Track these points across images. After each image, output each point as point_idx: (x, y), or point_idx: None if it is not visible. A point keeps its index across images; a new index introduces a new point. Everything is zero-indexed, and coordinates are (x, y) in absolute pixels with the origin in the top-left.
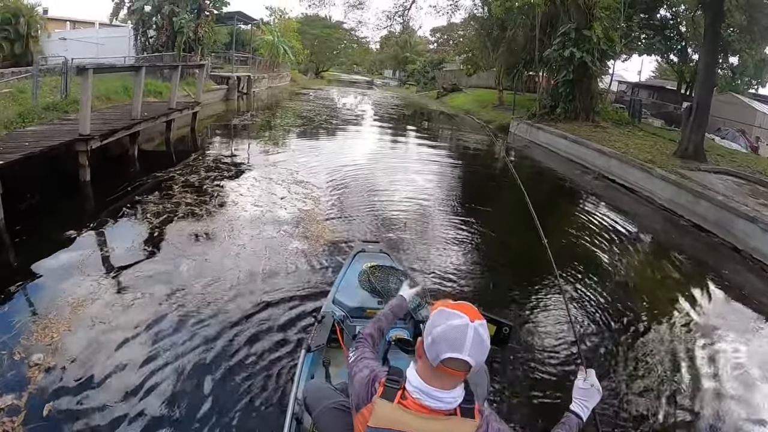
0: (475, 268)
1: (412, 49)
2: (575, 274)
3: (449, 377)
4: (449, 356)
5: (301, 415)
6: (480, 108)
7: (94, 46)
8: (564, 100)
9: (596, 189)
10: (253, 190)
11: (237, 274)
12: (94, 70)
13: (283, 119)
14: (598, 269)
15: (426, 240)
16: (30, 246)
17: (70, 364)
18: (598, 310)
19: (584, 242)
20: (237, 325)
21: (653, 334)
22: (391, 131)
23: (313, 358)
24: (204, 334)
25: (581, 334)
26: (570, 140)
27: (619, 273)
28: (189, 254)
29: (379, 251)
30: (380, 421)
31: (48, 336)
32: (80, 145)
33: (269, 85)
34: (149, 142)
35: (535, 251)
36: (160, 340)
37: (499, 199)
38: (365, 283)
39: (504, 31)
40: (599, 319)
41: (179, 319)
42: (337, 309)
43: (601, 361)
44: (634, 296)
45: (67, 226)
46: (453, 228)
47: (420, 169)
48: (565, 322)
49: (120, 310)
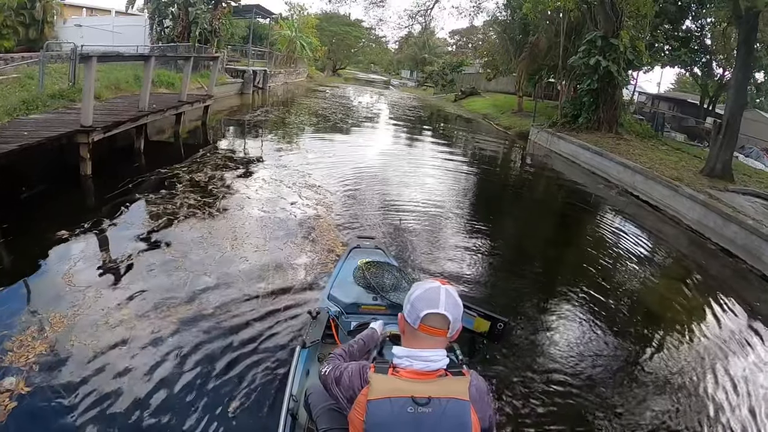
0: (485, 277)
1: (431, 51)
2: (592, 292)
3: (431, 337)
4: (427, 312)
5: (296, 411)
6: (499, 113)
7: (109, 34)
8: (587, 110)
9: (620, 205)
10: (261, 192)
11: (238, 288)
12: (98, 58)
13: (297, 116)
14: (618, 290)
15: (437, 246)
16: (13, 248)
17: (45, 390)
18: (612, 332)
19: (605, 261)
20: (232, 348)
21: (670, 363)
22: (408, 135)
23: (308, 354)
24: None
25: (593, 355)
26: (593, 152)
27: (639, 296)
28: (186, 266)
29: (374, 247)
30: (379, 392)
31: (23, 356)
32: (81, 137)
33: (285, 80)
34: (160, 134)
35: (550, 264)
36: (149, 365)
37: (518, 209)
38: (360, 279)
39: (526, 36)
40: (612, 342)
41: (170, 343)
42: (332, 305)
43: (613, 385)
44: (653, 321)
45: (57, 226)
46: (467, 237)
47: (436, 175)
48: (574, 342)
49: (106, 327)
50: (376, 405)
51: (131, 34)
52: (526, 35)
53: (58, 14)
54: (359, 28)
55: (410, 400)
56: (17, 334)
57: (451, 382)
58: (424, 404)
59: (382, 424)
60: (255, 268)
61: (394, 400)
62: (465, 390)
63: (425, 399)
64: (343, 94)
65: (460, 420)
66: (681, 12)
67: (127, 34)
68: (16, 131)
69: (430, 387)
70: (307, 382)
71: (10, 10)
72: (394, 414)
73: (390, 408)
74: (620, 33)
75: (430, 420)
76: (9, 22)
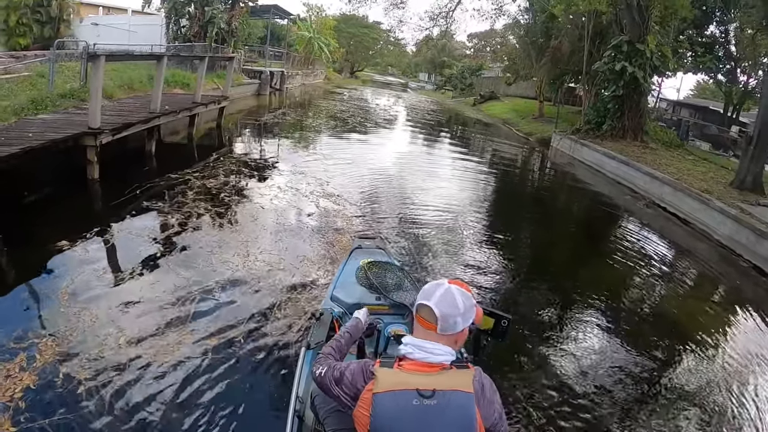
0: (504, 286)
1: (449, 54)
2: (615, 306)
3: (424, 329)
4: (420, 302)
5: (302, 412)
6: (519, 118)
7: (125, 33)
8: (611, 117)
9: (647, 217)
10: (276, 202)
11: (247, 311)
12: (107, 57)
13: (315, 119)
14: (642, 305)
15: (457, 255)
16: (8, 260)
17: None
18: (635, 348)
19: (630, 275)
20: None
21: (693, 382)
22: (428, 140)
23: (313, 355)
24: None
25: (613, 368)
26: (618, 161)
27: (665, 313)
28: (192, 287)
29: (376, 247)
30: (384, 385)
31: (9, 389)
32: (88, 140)
33: (303, 82)
34: (173, 135)
35: (572, 276)
36: (149, 386)
37: (541, 219)
38: (363, 279)
39: (548, 40)
40: (633, 358)
41: (170, 367)
42: (335, 306)
43: (632, 400)
44: (678, 339)
45: (57, 236)
46: (486, 248)
47: (457, 182)
48: (594, 355)
49: (100, 354)
50: (382, 398)
51: (147, 34)
52: (548, 39)
53: (75, 13)
54: (377, 30)
55: (415, 392)
56: (4, 362)
57: (456, 375)
58: (429, 396)
59: (387, 417)
60: (267, 291)
61: (400, 393)
62: (469, 383)
63: (430, 391)
64: (361, 96)
65: (464, 412)
66: (706, 17)
67: (143, 34)
68: (21, 132)
69: (434, 380)
70: (313, 383)
71: (27, 7)
72: (399, 407)
73: (395, 401)
74: (647, 38)
75: (434, 412)
76: (25, 20)
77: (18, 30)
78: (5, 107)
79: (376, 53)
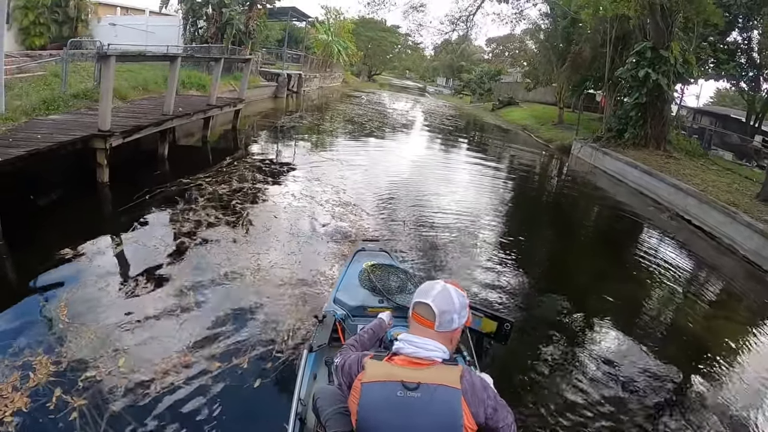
0: (519, 298)
1: (467, 59)
2: (635, 321)
3: (420, 326)
4: (417, 300)
5: (304, 415)
6: (538, 125)
7: (143, 34)
8: (634, 125)
9: (671, 229)
10: (290, 211)
11: (253, 329)
12: (117, 57)
13: (332, 123)
14: (664, 321)
15: (471, 264)
16: (8, 269)
17: None
18: (654, 365)
19: (652, 289)
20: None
21: (714, 401)
22: (446, 146)
23: (316, 357)
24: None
25: (631, 385)
26: (641, 170)
27: (687, 329)
28: (196, 305)
29: (379, 250)
30: (372, 376)
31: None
32: (98, 142)
33: (320, 84)
34: (188, 137)
35: (592, 289)
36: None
37: (562, 229)
38: (366, 282)
39: (569, 45)
40: (653, 376)
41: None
42: (338, 308)
43: (650, 417)
44: (700, 357)
45: (60, 243)
46: (505, 259)
47: (475, 190)
48: (611, 371)
49: (95, 381)
50: (369, 388)
51: (165, 35)
52: (569, 44)
53: (93, 13)
54: (395, 34)
55: (400, 384)
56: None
57: (442, 370)
58: (413, 389)
59: (372, 407)
60: (275, 307)
61: (385, 383)
62: (456, 379)
63: (414, 384)
64: (379, 100)
65: (448, 406)
66: (728, 23)
67: (161, 34)
68: (30, 133)
69: (421, 374)
70: (314, 385)
71: (44, 7)
72: (383, 397)
73: (381, 391)
74: (671, 44)
75: (418, 404)
76: (42, 19)
77: (35, 29)
78: (16, 107)
79: (394, 57)
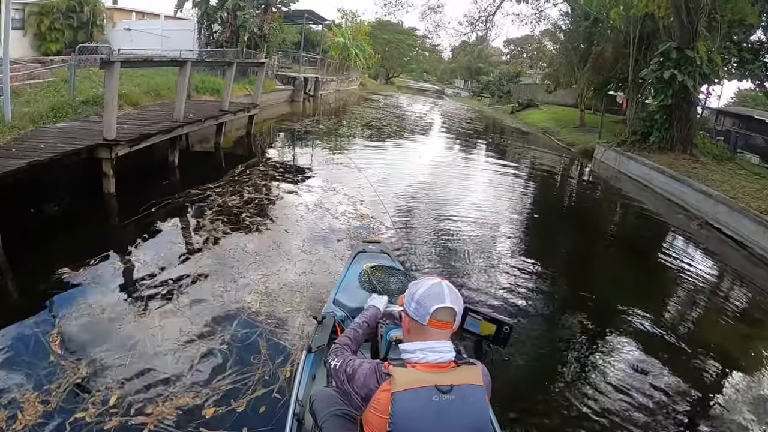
0: (539, 307)
1: (486, 60)
2: (659, 335)
3: (439, 331)
4: (437, 307)
5: (302, 416)
6: (559, 128)
7: (158, 38)
8: (659, 128)
9: (700, 239)
10: (303, 225)
11: (254, 361)
12: (122, 63)
13: (349, 127)
14: (691, 338)
15: (492, 272)
16: (4, 289)
17: None
18: (678, 384)
19: (682, 302)
20: None
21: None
22: (467, 151)
23: (314, 359)
24: None
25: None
26: (668, 176)
27: (717, 346)
28: (196, 335)
29: (380, 251)
30: (403, 384)
31: None
32: (103, 152)
33: (337, 88)
34: (203, 143)
35: (614, 301)
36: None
37: (585, 237)
38: (366, 283)
39: (591, 46)
40: (675, 397)
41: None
42: (337, 309)
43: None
44: (732, 376)
45: (61, 259)
46: (528, 270)
47: (496, 196)
48: (631, 390)
49: (84, 423)
50: (403, 397)
51: (180, 39)
52: (590, 45)
53: (108, 18)
54: (412, 36)
55: (434, 389)
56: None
57: (467, 370)
58: (447, 392)
59: (409, 415)
60: (284, 341)
61: (419, 390)
62: (479, 377)
63: (448, 386)
64: (397, 103)
65: (479, 404)
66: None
67: (176, 39)
68: (35, 142)
69: (449, 376)
70: (313, 386)
71: (59, 12)
72: (420, 403)
73: (416, 398)
74: (696, 44)
75: (453, 407)
76: (57, 25)
77: (50, 35)
78: (23, 115)
79: (411, 59)
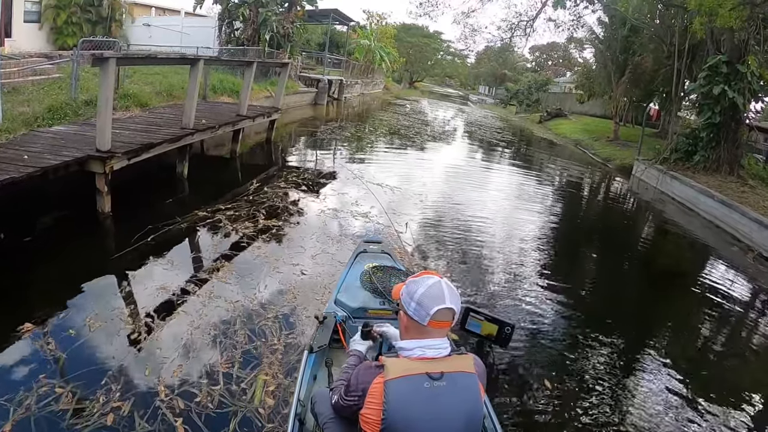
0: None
1: (511, 67)
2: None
3: (439, 330)
4: (438, 308)
5: (303, 416)
6: (592, 140)
7: (177, 35)
8: (705, 147)
9: (755, 274)
10: (322, 261)
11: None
12: (118, 60)
13: (375, 134)
14: (742, 392)
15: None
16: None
17: None
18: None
19: (730, 348)
20: None
21: None
22: (499, 163)
23: (316, 359)
24: None
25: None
26: (717, 200)
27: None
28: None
29: (381, 251)
30: (395, 372)
31: None
32: (95, 165)
33: (362, 91)
34: (219, 147)
35: (650, 341)
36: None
37: (628, 266)
38: (367, 283)
39: (629, 56)
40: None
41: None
42: (339, 310)
43: None
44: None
45: (29, 307)
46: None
47: (531, 218)
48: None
49: None
50: (394, 384)
51: (200, 36)
52: (629, 55)
53: (127, 13)
54: (437, 40)
55: (425, 376)
56: None
57: (459, 359)
58: (438, 378)
59: (401, 402)
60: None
61: (410, 377)
62: (471, 365)
63: (438, 374)
64: (422, 109)
65: (471, 391)
66: None
67: (196, 36)
68: (19, 151)
69: (441, 365)
70: (314, 386)
71: (77, 6)
72: (411, 390)
73: (407, 385)
74: (746, 58)
75: (445, 393)
76: (75, 19)
77: (67, 29)
78: (16, 116)
79: (435, 64)
